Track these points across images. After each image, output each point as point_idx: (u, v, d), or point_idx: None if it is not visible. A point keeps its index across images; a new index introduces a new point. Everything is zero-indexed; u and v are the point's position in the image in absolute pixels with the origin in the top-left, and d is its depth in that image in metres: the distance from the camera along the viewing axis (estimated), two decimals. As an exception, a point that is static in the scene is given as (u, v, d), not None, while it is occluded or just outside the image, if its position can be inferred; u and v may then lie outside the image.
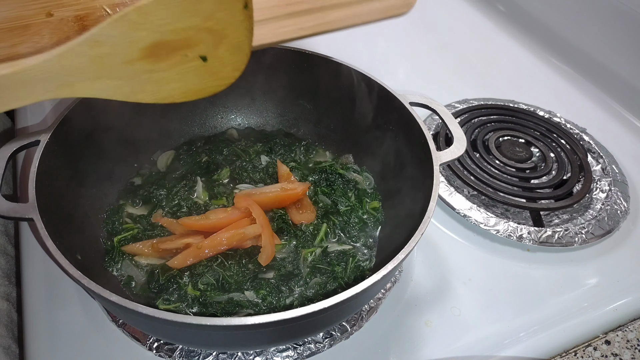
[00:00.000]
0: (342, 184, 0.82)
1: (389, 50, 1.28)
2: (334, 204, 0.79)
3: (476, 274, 0.76)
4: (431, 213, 0.58)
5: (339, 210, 0.78)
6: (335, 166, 0.85)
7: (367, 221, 0.78)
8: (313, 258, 0.72)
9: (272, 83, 0.89)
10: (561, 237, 0.78)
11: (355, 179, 0.83)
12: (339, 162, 0.87)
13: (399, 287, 0.73)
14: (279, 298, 0.67)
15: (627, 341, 0.68)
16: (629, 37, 1.09)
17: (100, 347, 0.64)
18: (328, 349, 0.65)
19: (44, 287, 0.70)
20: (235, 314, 0.64)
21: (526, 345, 0.67)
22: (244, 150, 0.87)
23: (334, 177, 0.82)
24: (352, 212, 0.78)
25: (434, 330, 0.69)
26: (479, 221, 0.80)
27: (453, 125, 0.71)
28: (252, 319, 0.46)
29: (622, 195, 0.87)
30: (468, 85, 1.15)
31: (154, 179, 0.81)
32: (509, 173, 0.90)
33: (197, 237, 0.71)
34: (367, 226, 0.77)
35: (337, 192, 0.80)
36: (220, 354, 0.63)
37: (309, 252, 0.73)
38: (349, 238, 0.75)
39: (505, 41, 1.33)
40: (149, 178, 0.82)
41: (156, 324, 0.52)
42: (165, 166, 0.85)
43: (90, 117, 0.71)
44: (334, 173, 0.83)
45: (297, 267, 0.71)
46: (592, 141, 0.99)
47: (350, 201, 0.80)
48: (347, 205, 0.79)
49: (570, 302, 0.73)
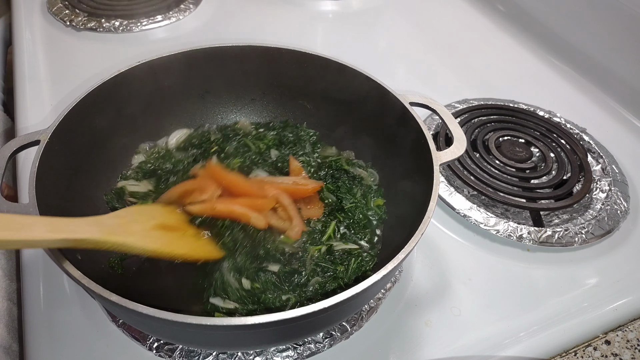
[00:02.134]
0: (347, 180, 0.81)
1: (389, 50, 1.28)
2: (339, 200, 0.78)
3: (476, 274, 0.76)
4: (431, 213, 0.58)
5: (343, 207, 0.77)
6: (341, 161, 0.84)
7: (371, 218, 0.77)
8: (319, 255, 0.71)
9: (272, 83, 0.89)
10: (561, 237, 0.78)
11: (361, 175, 0.82)
12: (344, 158, 0.86)
13: (399, 287, 0.73)
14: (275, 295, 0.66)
15: (627, 341, 0.68)
16: (629, 37, 1.09)
17: (100, 347, 0.64)
18: (328, 349, 0.65)
19: (44, 287, 0.70)
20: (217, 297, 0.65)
21: (526, 345, 0.67)
22: (254, 143, 0.86)
23: (340, 173, 0.82)
24: (356, 209, 0.77)
25: (434, 330, 0.69)
26: (479, 221, 0.80)
27: (453, 125, 0.71)
28: (252, 319, 0.46)
29: (622, 195, 0.87)
30: (468, 85, 1.15)
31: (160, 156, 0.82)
32: (509, 173, 0.90)
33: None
34: (371, 224, 0.77)
35: (342, 189, 0.79)
36: (220, 354, 0.63)
37: (316, 249, 0.72)
38: (354, 235, 0.74)
39: (505, 41, 1.33)
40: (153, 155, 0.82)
41: (156, 324, 0.52)
42: (177, 145, 0.85)
43: (90, 117, 0.72)
44: (340, 169, 0.82)
45: (303, 264, 0.70)
46: (592, 141, 0.99)
47: (355, 198, 0.79)
48: (352, 202, 0.78)
49: (570, 302, 0.73)
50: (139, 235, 0.55)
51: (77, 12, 1.25)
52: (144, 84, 0.79)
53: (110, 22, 1.22)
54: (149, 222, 0.59)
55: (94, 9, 1.26)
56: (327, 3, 1.42)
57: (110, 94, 0.74)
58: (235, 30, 1.28)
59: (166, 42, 1.22)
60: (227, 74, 0.87)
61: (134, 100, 0.79)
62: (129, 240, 0.53)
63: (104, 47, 1.18)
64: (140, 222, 0.58)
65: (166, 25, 1.26)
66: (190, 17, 1.31)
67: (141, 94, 0.80)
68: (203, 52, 0.82)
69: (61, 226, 0.44)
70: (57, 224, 0.43)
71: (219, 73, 0.87)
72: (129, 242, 0.53)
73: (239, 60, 0.85)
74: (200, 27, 1.28)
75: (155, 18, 1.26)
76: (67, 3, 1.28)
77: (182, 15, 1.30)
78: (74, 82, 1.05)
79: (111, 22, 1.22)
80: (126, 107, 0.78)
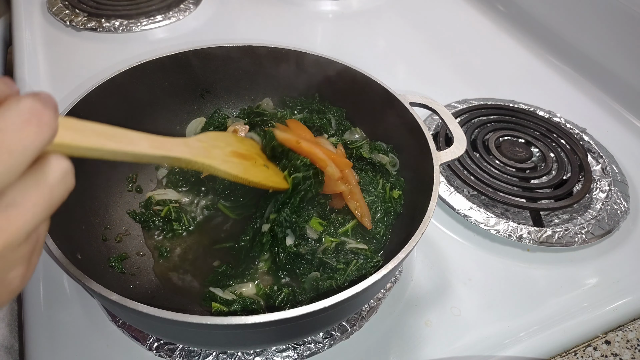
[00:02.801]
0: (370, 169, 0.78)
1: (389, 50, 1.28)
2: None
3: (476, 274, 0.76)
4: (431, 213, 0.58)
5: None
6: (364, 148, 0.79)
7: (388, 211, 0.74)
8: (329, 248, 0.70)
9: (272, 83, 0.89)
10: (561, 237, 0.78)
11: (381, 161, 0.78)
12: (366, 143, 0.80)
13: (399, 287, 0.73)
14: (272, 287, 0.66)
15: (627, 341, 0.68)
16: (629, 37, 1.09)
17: (100, 347, 0.64)
18: (328, 349, 0.65)
19: (44, 286, 0.70)
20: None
21: (526, 345, 0.67)
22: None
23: (362, 163, 0.79)
24: (374, 204, 0.74)
25: (434, 330, 0.69)
26: (479, 221, 0.80)
27: (453, 125, 0.71)
28: (252, 319, 0.46)
29: (622, 195, 0.87)
30: (468, 85, 1.15)
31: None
32: (509, 173, 0.90)
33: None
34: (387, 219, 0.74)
35: (364, 181, 0.77)
36: (220, 354, 0.63)
37: (331, 240, 0.70)
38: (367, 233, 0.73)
39: (505, 41, 1.33)
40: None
41: (156, 323, 0.52)
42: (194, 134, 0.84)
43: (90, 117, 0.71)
44: (363, 158, 0.79)
45: (313, 255, 0.69)
46: (592, 141, 0.99)
47: (377, 190, 0.76)
48: (372, 195, 0.75)
49: (570, 302, 0.73)
50: (220, 160, 0.59)
51: (77, 12, 1.25)
52: (144, 84, 0.79)
53: (110, 22, 1.22)
54: (226, 148, 0.63)
55: (94, 9, 1.26)
56: (327, 3, 1.42)
57: (110, 95, 0.74)
58: (235, 30, 1.28)
59: (166, 42, 1.22)
60: (227, 74, 0.87)
61: (134, 100, 0.79)
62: (213, 163, 0.57)
63: (104, 47, 1.18)
64: (219, 148, 0.61)
65: (166, 25, 1.26)
66: (190, 17, 1.31)
67: (141, 94, 0.80)
68: (203, 52, 0.82)
69: (160, 144, 0.47)
70: (157, 142, 0.47)
71: (219, 73, 0.87)
72: (214, 164, 0.57)
73: (239, 60, 0.85)
74: (200, 27, 1.28)
75: (155, 18, 1.26)
76: (67, 3, 1.28)
77: (182, 15, 1.30)
78: (74, 82, 1.05)
79: (111, 22, 1.22)
80: (126, 107, 0.78)
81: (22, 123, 0.26)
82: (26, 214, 0.27)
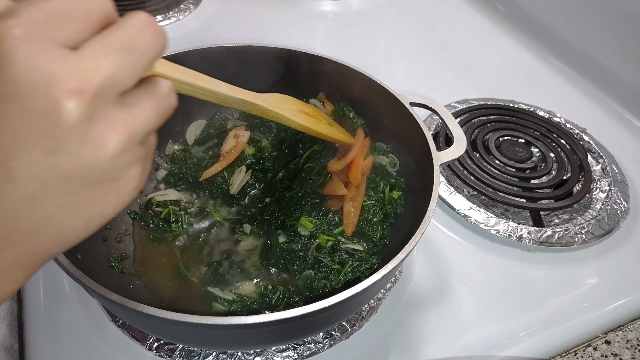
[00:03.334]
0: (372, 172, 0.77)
1: (389, 50, 1.28)
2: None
3: (476, 274, 0.76)
4: (431, 213, 0.58)
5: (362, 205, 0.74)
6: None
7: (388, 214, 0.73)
8: (324, 247, 0.69)
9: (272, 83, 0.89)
10: (561, 237, 0.78)
11: (381, 162, 0.77)
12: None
13: (399, 287, 0.73)
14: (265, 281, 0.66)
15: (627, 341, 0.68)
16: (629, 37, 1.09)
17: (100, 347, 0.64)
18: (328, 349, 0.65)
19: (44, 286, 0.70)
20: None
21: (526, 345, 0.67)
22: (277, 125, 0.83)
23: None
24: (374, 205, 0.73)
25: (434, 330, 0.69)
26: (479, 221, 0.80)
27: (453, 125, 0.71)
28: (252, 319, 0.46)
29: (622, 195, 0.87)
30: (468, 85, 1.15)
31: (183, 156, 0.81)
32: (509, 173, 0.90)
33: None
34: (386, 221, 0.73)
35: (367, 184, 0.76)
36: (220, 354, 0.63)
37: (326, 239, 0.69)
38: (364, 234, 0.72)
39: (505, 41, 1.33)
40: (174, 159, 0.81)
41: (156, 323, 0.52)
42: (194, 137, 0.84)
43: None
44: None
45: (305, 252, 0.68)
46: (592, 141, 0.99)
47: (377, 194, 0.75)
48: (372, 199, 0.74)
49: (570, 302, 0.73)
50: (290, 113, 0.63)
51: (77, 12, 1.25)
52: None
53: (111, 22, 1.22)
54: (293, 106, 0.67)
55: (94, 9, 1.26)
56: (327, 3, 1.42)
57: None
58: (235, 30, 1.28)
59: (166, 42, 1.22)
60: (227, 74, 0.87)
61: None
62: (286, 113, 0.61)
63: (104, 47, 1.18)
64: (287, 104, 0.65)
65: (166, 25, 1.26)
66: (190, 17, 1.31)
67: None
68: (202, 52, 0.82)
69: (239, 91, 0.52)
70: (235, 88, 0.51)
71: (219, 73, 0.86)
72: (287, 114, 0.61)
73: (239, 60, 0.85)
74: (200, 27, 1.28)
75: (155, 18, 1.26)
76: (67, 3, 1.28)
77: (182, 15, 1.30)
78: (74, 82, 1.05)
79: (111, 22, 1.22)
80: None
81: (141, 30, 0.29)
82: (145, 115, 0.31)
